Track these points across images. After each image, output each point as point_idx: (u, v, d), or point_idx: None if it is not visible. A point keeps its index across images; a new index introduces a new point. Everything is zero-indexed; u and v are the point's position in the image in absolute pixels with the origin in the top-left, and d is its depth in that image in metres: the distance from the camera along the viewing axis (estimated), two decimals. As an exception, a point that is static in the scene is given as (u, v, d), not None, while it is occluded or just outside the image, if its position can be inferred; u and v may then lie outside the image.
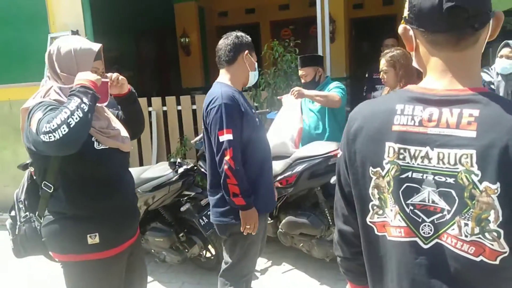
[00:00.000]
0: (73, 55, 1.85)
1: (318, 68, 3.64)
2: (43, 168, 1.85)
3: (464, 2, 0.89)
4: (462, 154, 0.88)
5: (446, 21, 0.92)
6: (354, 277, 1.23)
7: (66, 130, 1.57)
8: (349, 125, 1.08)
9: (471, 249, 0.89)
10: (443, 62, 0.95)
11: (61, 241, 1.88)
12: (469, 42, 0.93)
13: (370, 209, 1.04)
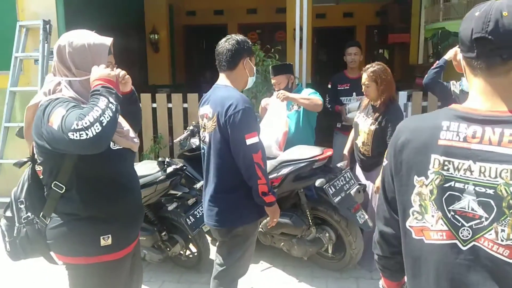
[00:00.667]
0: (88, 50, 1.82)
1: (290, 76, 3.82)
2: (55, 168, 1.79)
3: (491, 34, 1.04)
4: (502, 169, 1.02)
5: (475, 49, 1.07)
6: (391, 274, 1.36)
7: (100, 128, 1.56)
8: (396, 137, 1.21)
9: (506, 252, 1.03)
10: (482, 86, 1.10)
11: (72, 244, 1.84)
12: (500, 71, 1.07)
13: (410, 214, 1.17)
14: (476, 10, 1.08)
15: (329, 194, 3.13)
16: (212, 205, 2.44)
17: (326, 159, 3.26)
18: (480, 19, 1.05)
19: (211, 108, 2.38)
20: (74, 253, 1.85)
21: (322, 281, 3.40)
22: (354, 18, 10.17)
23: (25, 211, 1.92)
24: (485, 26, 1.04)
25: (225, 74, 2.45)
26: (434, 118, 1.15)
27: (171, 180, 3.19)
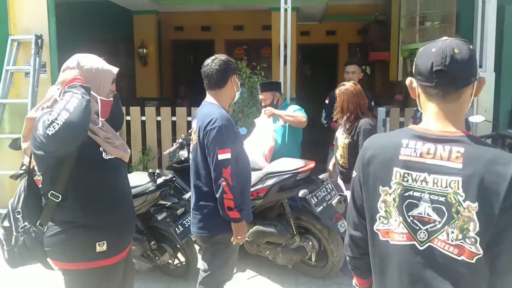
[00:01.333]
0: (95, 74, 1.98)
1: (275, 93, 4.05)
2: (52, 178, 1.90)
3: (448, 67, 1.25)
4: (451, 180, 1.21)
5: (434, 79, 1.28)
6: (361, 273, 1.54)
7: (67, 114, 1.68)
8: (363, 153, 1.40)
9: (455, 250, 1.22)
10: (436, 110, 1.30)
11: (69, 251, 1.95)
12: (453, 97, 1.28)
13: (377, 219, 1.35)
14: (431, 47, 1.29)
15: (312, 204, 3.32)
16: (195, 212, 2.62)
17: (308, 171, 3.45)
18: (438, 55, 1.25)
19: (196, 123, 2.58)
20: (71, 259, 1.97)
21: (306, 286, 3.56)
22: (337, 36, 10.53)
23: (22, 220, 2.03)
24: (443, 61, 1.24)
25: (213, 92, 2.64)
26: (396, 136, 1.35)
27: (161, 190, 3.34)
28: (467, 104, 1.31)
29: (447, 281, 1.23)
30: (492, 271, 1.22)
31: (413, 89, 1.37)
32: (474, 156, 1.21)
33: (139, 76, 8.84)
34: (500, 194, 1.17)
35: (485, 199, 1.18)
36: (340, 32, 10.48)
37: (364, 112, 3.51)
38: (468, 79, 1.28)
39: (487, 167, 1.19)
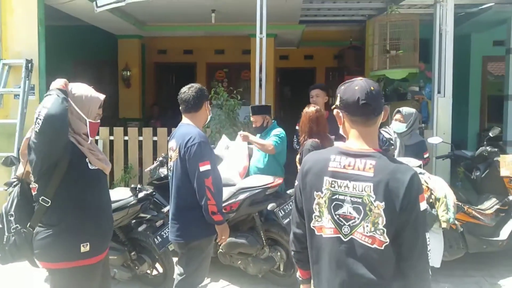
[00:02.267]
0: (85, 101, 2.33)
1: (265, 116, 4.39)
2: (44, 184, 2.21)
3: (370, 101, 1.62)
4: (365, 185, 1.57)
5: (361, 110, 1.64)
6: (303, 264, 1.87)
7: (45, 110, 2.08)
8: (303, 166, 1.75)
9: (369, 240, 1.56)
10: (357, 133, 1.66)
11: (57, 251, 2.24)
12: (372, 123, 1.66)
13: (313, 218, 1.70)
14: (353, 86, 1.65)
15: (279, 216, 3.65)
16: (173, 221, 2.95)
17: (277, 186, 3.79)
18: (362, 91, 1.62)
19: (175, 142, 2.93)
20: (58, 259, 2.25)
21: (275, 296, 3.86)
22: (314, 60, 11.02)
23: (14, 222, 2.33)
24: (366, 96, 1.62)
25: (189, 115, 3.00)
26: (326, 153, 1.70)
27: (141, 204, 3.64)
28: (377, 128, 1.68)
29: (363, 265, 1.58)
30: (397, 256, 1.58)
31: (339, 118, 1.72)
32: (382, 167, 1.57)
33: (122, 97, 9.14)
34: (400, 196, 1.53)
35: (389, 199, 1.54)
36: (317, 57, 10.98)
37: (317, 134, 3.75)
38: (381, 108, 1.66)
39: (391, 175, 1.55)
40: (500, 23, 7.75)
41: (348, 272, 1.60)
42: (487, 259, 4.46)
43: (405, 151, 4.40)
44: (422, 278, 1.61)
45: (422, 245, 1.59)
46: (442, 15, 5.46)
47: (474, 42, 9.04)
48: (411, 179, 1.55)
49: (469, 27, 8.27)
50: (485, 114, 9.36)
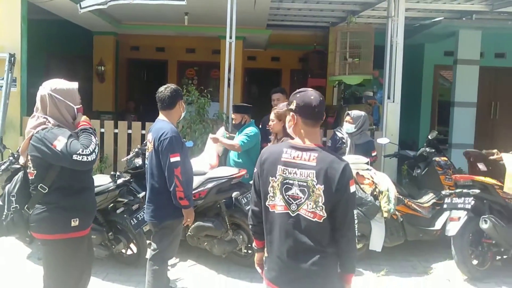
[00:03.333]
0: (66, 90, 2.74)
1: (244, 115, 4.88)
2: (42, 175, 2.62)
3: (321, 109, 2.11)
4: (309, 172, 2.06)
5: (315, 116, 2.14)
6: (258, 236, 2.35)
7: (95, 156, 2.56)
8: (260, 157, 2.24)
9: (311, 215, 2.06)
10: (305, 132, 2.16)
11: (51, 225, 2.66)
12: (318, 125, 2.16)
13: (268, 198, 2.18)
14: (309, 95, 2.11)
15: (242, 203, 4.15)
16: (149, 204, 3.41)
17: (241, 177, 4.28)
18: (316, 101, 2.10)
19: (151, 135, 3.39)
20: (52, 232, 2.66)
21: (236, 274, 4.33)
22: (281, 62, 11.59)
23: (14, 203, 2.70)
24: (319, 105, 2.12)
25: (164, 112, 3.45)
26: (280, 146, 2.20)
27: (120, 189, 4.05)
28: (319, 128, 2.20)
29: (306, 235, 2.08)
30: (332, 227, 2.09)
31: (293, 120, 2.20)
32: (322, 159, 2.08)
33: (96, 91, 9.41)
34: (335, 180, 2.03)
35: (327, 183, 2.04)
36: (284, 59, 11.55)
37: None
38: (324, 115, 2.18)
39: (329, 164, 2.05)
40: (450, 36, 8.54)
41: (294, 240, 2.10)
42: (423, 246, 5.09)
43: (355, 149, 4.98)
44: (350, 244, 2.12)
45: (351, 219, 2.11)
46: (393, 29, 6.09)
47: (427, 51, 9.80)
48: (344, 168, 2.07)
49: (422, 38, 9.02)
50: (435, 118, 10.15)
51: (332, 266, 2.13)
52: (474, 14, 7.68)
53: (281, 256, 2.14)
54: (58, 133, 2.57)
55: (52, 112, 2.69)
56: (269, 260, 2.23)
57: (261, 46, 10.64)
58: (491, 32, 8.48)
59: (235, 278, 4.25)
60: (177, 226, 3.45)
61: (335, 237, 2.10)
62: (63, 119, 2.72)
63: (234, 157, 4.90)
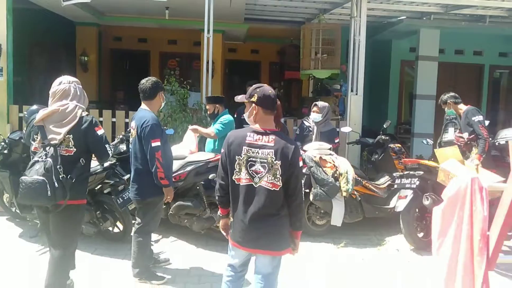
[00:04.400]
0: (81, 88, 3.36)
1: (216, 105, 5.35)
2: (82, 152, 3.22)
3: (276, 101, 2.67)
4: (269, 151, 2.61)
5: (272, 106, 2.69)
6: (224, 205, 2.89)
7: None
8: (227, 139, 2.76)
9: (270, 185, 2.61)
10: (264, 119, 2.71)
11: (83, 191, 3.30)
12: (273, 114, 2.71)
13: (235, 173, 2.72)
14: (267, 89, 2.69)
15: (218, 184, 4.67)
16: (133, 183, 3.90)
17: (217, 161, 4.77)
18: (272, 94, 2.67)
19: (135, 123, 3.87)
20: (83, 197, 3.31)
21: (213, 247, 4.86)
22: (260, 54, 12.10)
23: (61, 173, 3.09)
24: (274, 97, 2.67)
25: (146, 102, 3.93)
26: (244, 131, 2.74)
27: (106, 171, 4.54)
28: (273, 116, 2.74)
29: (265, 201, 2.63)
30: (285, 194, 2.65)
31: (254, 109, 2.73)
32: (278, 140, 2.63)
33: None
34: (289, 157, 2.59)
35: (283, 159, 2.59)
36: (262, 52, 12.05)
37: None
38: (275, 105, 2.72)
39: (284, 145, 2.61)
40: (413, 34, 9.18)
41: (255, 206, 2.66)
42: (379, 222, 5.72)
43: (321, 137, 5.57)
44: (299, 207, 2.71)
45: (300, 187, 2.68)
46: (356, 28, 6.65)
47: (394, 47, 10.42)
48: (295, 148, 2.63)
49: (389, 35, 9.64)
50: (401, 109, 10.84)
51: (285, 225, 2.71)
52: (433, 15, 8.28)
53: (244, 220, 2.70)
54: (97, 123, 3.28)
55: (83, 101, 3.31)
56: (234, 223, 2.79)
57: (241, 39, 11.10)
58: (451, 31, 9.16)
59: (213, 251, 4.79)
60: (158, 202, 3.97)
61: (288, 202, 2.69)
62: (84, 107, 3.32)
63: (211, 144, 5.41)
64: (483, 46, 10.50)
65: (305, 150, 5.29)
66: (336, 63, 7.35)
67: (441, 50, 9.40)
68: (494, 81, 11.24)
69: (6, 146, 4.88)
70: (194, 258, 4.59)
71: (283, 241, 2.74)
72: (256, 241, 2.72)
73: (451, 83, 10.08)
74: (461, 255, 2.10)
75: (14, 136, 5.03)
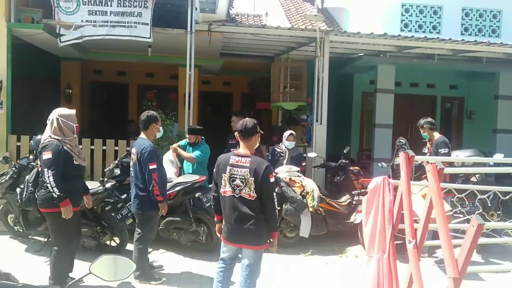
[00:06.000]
0: (70, 114, 4.17)
1: (198, 136, 6.19)
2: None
3: (250, 130, 3.53)
4: (245, 170, 3.44)
5: (246, 135, 3.54)
6: (217, 212, 3.71)
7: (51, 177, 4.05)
8: (217, 161, 3.60)
9: (248, 196, 3.44)
10: (244, 145, 3.55)
11: (53, 202, 3.97)
12: (249, 140, 3.56)
13: (221, 187, 3.54)
14: (246, 122, 3.55)
15: (203, 201, 5.44)
16: (134, 199, 4.64)
17: (202, 181, 5.59)
18: (248, 126, 3.53)
19: (135, 149, 4.63)
20: (54, 207, 4.00)
21: (199, 257, 5.57)
22: (232, 86, 13.01)
23: (31, 187, 4.14)
24: (248, 128, 3.54)
25: (144, 132, 4.72)
26: (229, 154, 3.58)
27: (107, 192, 5.23)
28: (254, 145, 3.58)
29: (245, 207, 3.44)
30: (260, 203, 3.46)
31: (237, 137, 3.58)
32: (253, 161, 3.47)
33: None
34: (261, 174, 3.42)
35: (255, 176, 3.42)
36: (234, 84, 12.97)
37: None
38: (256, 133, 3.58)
39: (257, 165, 3.45)
40: (372, 68, 10.31)
41: (238, 212, 3.47)
42: (341, 235, 6.56)
43: (291, 161, 6.46)
44: (272, 213, 3.52)
45: (272, 198, 3.48)
46: (320, 66, 7.67)
47: (356, 80, 11.55)
48: (266, 167, 3.46)
49: (351, 69, 10.73)
50: (364, 137, 11.92)
51: (262, 226, 3.52)
52: (388, 53, 9.45)
53: (230, 222, 3.52)
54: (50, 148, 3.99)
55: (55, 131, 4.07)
56: (224, 225, 3.59)
57: (215, 72, 12.00)
58: (406, 66, 10.33)
59: (198, 259, 5.51)
60: (155, 215, 4.70)
61: (263, 209, 3.49)
62: (63, 134, 4.08)
63: (189, 168, 6.24)
64: (435, 80, 11.76)
65: (277, 173, 6.14)
66: (303, 96, 8.32)
67: (398, 83, 10.56)
68: (446, 110, 12.50)
69: (16, 171, 5.51)
70: (183, 265, 5.30)
71: (262, 238, 3.55)
72: (241, 237, 3.52)
73: (407, 113, 11.19)
74: (378, 224, 3.08)
75: (23, 162, 5.68)
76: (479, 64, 9.73)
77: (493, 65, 9.89)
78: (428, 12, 11.20)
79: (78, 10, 7.04)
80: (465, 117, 12.31)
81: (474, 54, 9.19)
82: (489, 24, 11.35)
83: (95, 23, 7.16)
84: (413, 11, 11.16)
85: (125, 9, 7.14)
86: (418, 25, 11.19)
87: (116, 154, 7.07)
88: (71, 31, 7.14)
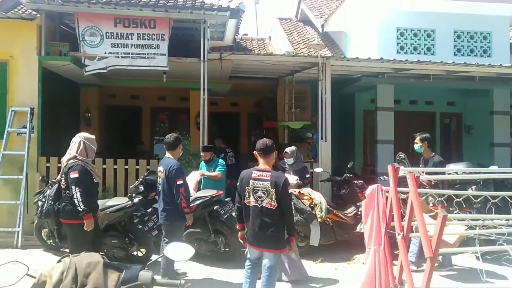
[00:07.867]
0: (91, 138, 4.79)
1: (211, 153, 6.80)
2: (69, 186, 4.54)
3: (268, 149, 4.12)
4: (267, 183, 4.02)
5: (264, 152, 4.13)
6: (240, 220, 4.27)
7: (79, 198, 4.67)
8: (241, 176, 4.18)
9: (269, 205, 3.99)
10: (263, 161, 4.14)
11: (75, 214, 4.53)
12: (268, 157, 4.15)
13: (245, 198, 4.11)
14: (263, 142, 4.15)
15: (221, 214, 5.99)
16: (162, 212, 5.19)
17: (219, 195, 6.15)
18: (263, 145, 4.13)
19: (162, 167, 5.20)
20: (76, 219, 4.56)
21: (218, 265, 6.10)
22: (239, 106, 13.65)
23: (51, 201, 4.71)
24: (264, 147, 4.14)
25: (170, 151, 5.31)
26: (251, 170, 4.16)
27: (135, 206, 5.80)
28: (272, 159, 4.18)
29: (267, 216, 4.01)
30: (280, 211, 4.03)
31: (256, 155, 4.17)
32: (273, 175, 4.05)
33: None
34: (280, 186, 4.00)
35: (276, 188, 4.00)
36: (241, 104, 13.62)
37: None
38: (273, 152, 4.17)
39: (277, 178, 4.03)
40: (372, 88, 10.94)
41: (260, 219, 4.02)
42: (349, 243, 7.07)
43: (294, 174, 7.02)
44: (290, 220, 4.08)
45: (290, 207, 4.07)
46: (322, 88, 8.31)
47: (357, 99, 12.16)
48: (285, 180, 4.04)
49: (353, 89, 11.37)
50: (367, 152, 12.46)
51: (281, 232, 4.06)
52: (386, 74, 10.09)
53: (254, 229, 4.05)
54: (77, 168, 4.55)
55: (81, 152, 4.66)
56: (248, 231, 4.14)
57: (223, 94, 12.65)
58: (405, 85, 10.95)
59: (217, 267, 6.03)
60: (181, 225, 5.26)
61: (282, 216, 4.04)
62: (86, 155, 4.67)
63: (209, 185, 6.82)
64: (433, 97, 12.39)
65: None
66: (308, 115, 8.94)
67: (397, 101, 11.16)
68: (444, 126, 13.07)
69: (47, 188, 6.11)
70: (204, 272, 5.84)
71: (281, 242, 4.09)
72: (263, 242, 4.06)
73: (408, 129, 11.66)
74: (374, 223, 3.66)
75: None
76: (472, 83, 10.35)
77: (486, 83, 10.51)
78: (422, 35, 11.89)
79: (102, 43, 7.72)
80: (464, 132, 12.85)
81: (466, 74, 9.81)
82: (480, 45, 12.03)
83: (117, 55, 7.81)
84: (407, 34, 11.85)
85: (144, 42, 7.82)
86: (413, 47, 11.86)
87: (137, 172, 7.65)
88: (95, 62, 7.80)
